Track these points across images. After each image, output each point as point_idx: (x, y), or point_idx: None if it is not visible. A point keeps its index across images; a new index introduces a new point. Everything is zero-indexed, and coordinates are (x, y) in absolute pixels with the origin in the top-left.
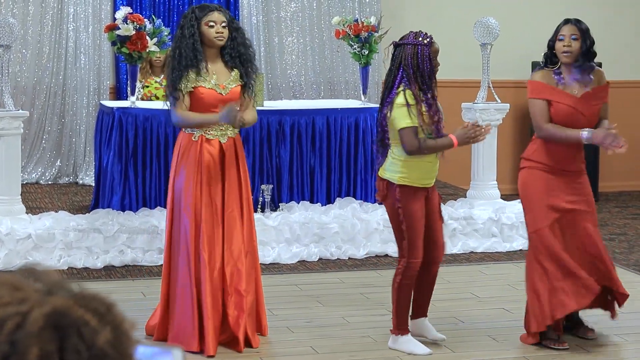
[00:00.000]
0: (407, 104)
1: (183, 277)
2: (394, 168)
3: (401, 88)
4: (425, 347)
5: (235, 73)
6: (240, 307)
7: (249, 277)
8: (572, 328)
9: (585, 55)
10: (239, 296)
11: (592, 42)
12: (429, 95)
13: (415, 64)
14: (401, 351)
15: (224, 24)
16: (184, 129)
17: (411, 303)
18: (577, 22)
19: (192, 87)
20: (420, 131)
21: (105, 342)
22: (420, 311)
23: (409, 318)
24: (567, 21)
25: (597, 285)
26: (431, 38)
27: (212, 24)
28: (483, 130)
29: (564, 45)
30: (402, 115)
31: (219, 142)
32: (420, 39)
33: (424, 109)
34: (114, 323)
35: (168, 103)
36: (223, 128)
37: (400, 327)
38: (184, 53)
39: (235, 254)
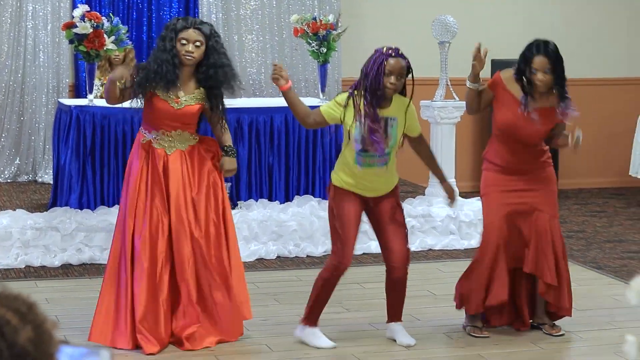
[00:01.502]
0: (337, 100)
1: (121, 278)
2: (336, 168)
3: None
4: (329, 340)
5: (200, 92)
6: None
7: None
8: (538, 326)
9: (557, 84)
10: (191, 306)
11: (563, 70)
12: (368, 100)
13: (366, 66)
14: (305, 342)
15: (197, 43)
16: (140, 128)
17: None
18: (546, 52)
19: (148, 92)
20: (324, 120)
21: (27, 340)
22: (390, 316)
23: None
24: (537, 50)
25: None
26: (396, 52)
27: (184, 41)
28: None
29: (538, 80)
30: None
31: (165, 152)
32: (384, 48)
33: (361, 105)
34: (36, 322)
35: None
36: (172, 140)
37: (309, 319)
38: (160, 68)
39: (180, 266)
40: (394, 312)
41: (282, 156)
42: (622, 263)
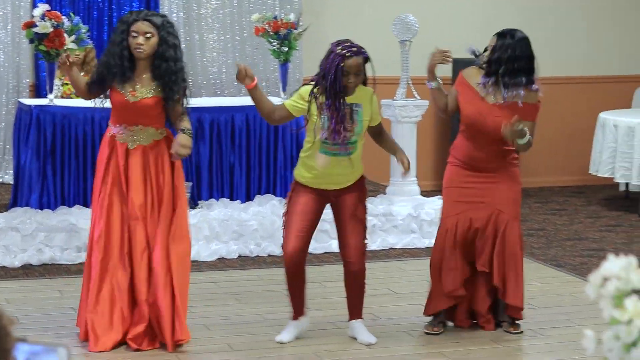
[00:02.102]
0: (300, 94)
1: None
2: (298, 163)
3: (310, 83)
4: (283, 335)
5: (156, 84)
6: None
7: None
8: (500, 324)
9: (493, 64)
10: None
11: (510, 56)
12: (330, 102)
13: (324, 67)
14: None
15: (148, 35)
16: (109, 124)
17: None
18: (499, 34)
19: (109, 88)
20: (289, 114)
21: None
22: (350, 313)
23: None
24: (496, 33)
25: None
26: (351, 51)
27: (134, 34)
28: None
29: (484, 56)
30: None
31: (127, 147)
32: (339, 48)
33: (322, 100)
34: None
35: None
36: (134, 135)
37: (293, 312)
38: (111, 61)
39: (137, 261)
40: (354, 308)
41: (243, 155)
42: (582, 261)
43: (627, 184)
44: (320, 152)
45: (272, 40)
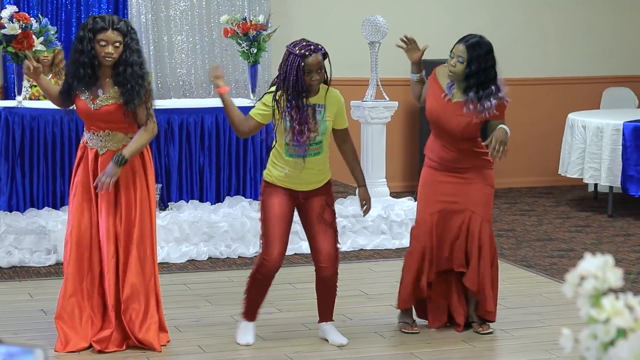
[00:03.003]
0: (263, 102)
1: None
2: (267, 164)
3: (272, 89)
4: (248, 337)
5: (115, 90)
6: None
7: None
8: (469, 324)
9: (470, 78)
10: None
11: (483, 67)
12: (293, 104)
13: (284, 70)
14: (236, 337)
15: (117, 44)
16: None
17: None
18: (470, 46)
19: (74, 94)
20: (258, 123)
21: None
22: (321, 315)
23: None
24: (461, 40)
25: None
26: (309, 50)
27: (103, 43)
28: None
29: (451, 64)
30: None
31: (97, 152)
32: (296, 48)
33: (284, 103)
34: None
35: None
36: (103, 140)
37: (245, 313)
38: (78, 71)
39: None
40: (325, 311)
41: (212, 157)
42: (551, 261)
43: (595, 185)
44: (286, 155)
45: (241, 42)
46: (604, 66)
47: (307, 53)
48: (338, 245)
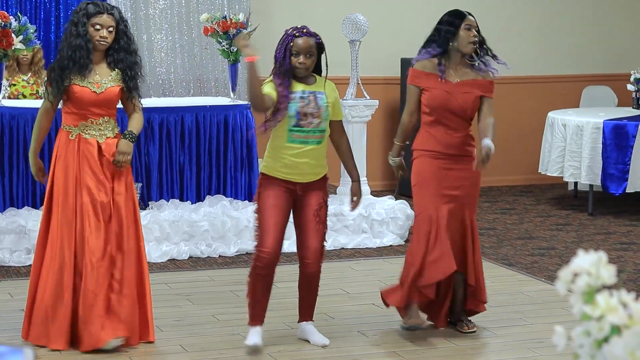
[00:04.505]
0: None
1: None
2: (265, 155)
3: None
4: (258, 338)
5: (116, 73)
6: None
7: (130, 279)
8: (454, 323)
9: (484, 43)
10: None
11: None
12: (280, 81)
13: (277, 50)
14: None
15: (110, 29)
16: (62, 127)
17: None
18: (471, 14)
19: (67, 85)
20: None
21: None
22: (302, 315)
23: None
24: (458, 14)
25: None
26: (301, 32)
27: (98, 27)
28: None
29: (473, 36)
30: None
31: (97, 142)
32: (291, 29)
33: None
34: None
35: (42, 94)
36: (102, 128)
37: (251, 318)
38: (74, 53)
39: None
40: (306, 311)
41: (193, 156)
42: (533, 260)
43: (575, 183)
44: (288, 142)
45: (221, 40)
46: (584, 65)
47: (297, 34)
48: (325, 244)
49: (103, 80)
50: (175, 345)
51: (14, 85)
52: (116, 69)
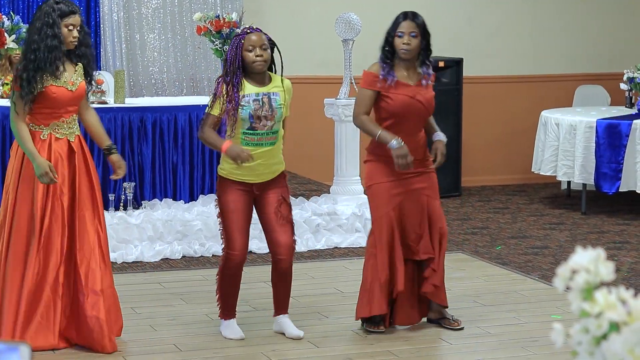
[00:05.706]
0: (214, 93)
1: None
2: (221, 160)
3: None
4: (239, 331)
5: (79, 67)
6: (98, 307)
7: (104, 277)
8: (438, 320)
9: (425, 52)
10: (95, 296)
11: (429, 37)
12: (229, 79)
13: (227, 53)
14: (223, 335)
15: (79, 27)
16: (29, 126)
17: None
18: (414, 18)
19: (43, 88)
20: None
21: None
22: (277, 309)
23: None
24: (405, 16)
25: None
26: (251, 29)
27: (71, 27)
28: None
29: (403, 43)
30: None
31: (68, 140)
32: (239, 30)
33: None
34: None
35: (13, 100)
36: (72, 126)
37: (222, 312)
38: (45, 55)
39: (88, 254)
40: (282, 304)
41: (186, 155)
42: (526, 259)
43: (569, 182)
44: (242, 145)
45: (214, 40)
46: (577, 64)
47: (248, 31)
48: (295, 238)
49: (72, 77)
50: (169, 344)
51: (7, 84)
52: (78, 64)
